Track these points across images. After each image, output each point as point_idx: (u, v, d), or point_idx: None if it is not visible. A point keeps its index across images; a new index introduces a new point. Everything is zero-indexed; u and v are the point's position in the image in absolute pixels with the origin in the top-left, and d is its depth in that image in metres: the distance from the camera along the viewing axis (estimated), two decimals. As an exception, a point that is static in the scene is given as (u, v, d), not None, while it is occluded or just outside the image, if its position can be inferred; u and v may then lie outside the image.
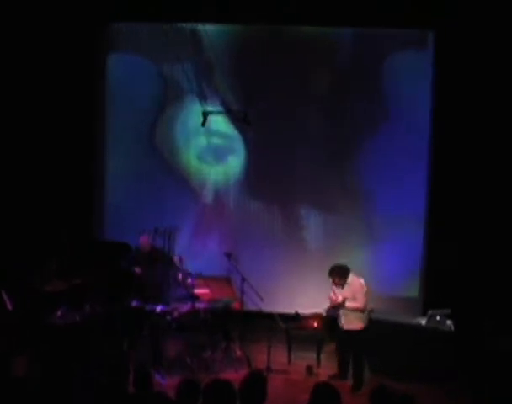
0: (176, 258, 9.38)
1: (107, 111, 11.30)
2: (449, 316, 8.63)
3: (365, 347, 8.31)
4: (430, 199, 10.53)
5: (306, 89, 10.80)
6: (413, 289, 10.59)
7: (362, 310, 8.20)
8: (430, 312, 8.70)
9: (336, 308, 8.35)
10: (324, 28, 10.68)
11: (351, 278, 8.26)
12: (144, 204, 11.06)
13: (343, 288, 8.27)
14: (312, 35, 10.72)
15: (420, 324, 8.69)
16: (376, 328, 8.45)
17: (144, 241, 9.34)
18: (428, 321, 8.63)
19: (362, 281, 8.27)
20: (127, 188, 11.26)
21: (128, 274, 9.25)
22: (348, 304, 8.20)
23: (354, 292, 8.19)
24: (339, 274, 8.26)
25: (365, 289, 8.22)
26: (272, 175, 10.96)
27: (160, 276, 9.09)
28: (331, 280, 8.34)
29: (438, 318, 8.59)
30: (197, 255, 10.65)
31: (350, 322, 8.22)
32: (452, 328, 8.52)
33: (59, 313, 8.09)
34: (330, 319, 8.94)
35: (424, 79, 10.46)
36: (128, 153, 11.27)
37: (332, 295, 8.37)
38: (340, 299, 8.22)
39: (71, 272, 8.93)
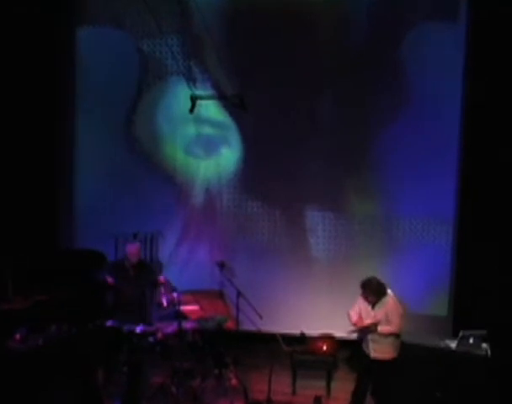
0: (161, 279, 9.23)
1: (75, 95, 11.24)
2: (484, 339, 8.53)
3: (393, 378, 8.18)
4: (461, 199, 10.49)
5: (313, 70, 10.75)
6: (441, 306, 10.58)
7: (397, 336, 8.03)
8: (462, 333, 8.61)
9: (364, 332, 8.15)
10: (335, -5, 10.67)
11: (386, 297, 8.04)
12: (121, 205, 11.03)
13: (373, 307, 8.10)
14: (321, 4, 10.66)
15: (450, 347, 8.59)
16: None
17: (133, 250, 9.17)
18: (459, 344, 8.53)
19: (397, 300, 8.06)
20: (100, 186, 11.21)
21: (102, 289, 9.20)
22: (381, 328, 7.96)
23: (389, 314, 7.96)
24: (375, 292, 8.01)
25: (402, 310, 8.03)
26: (273, 171, 10.93)
27: (144, 297, 9.05)
28: (361, 293, 8.11)
29: (471, 340, 8.49)
30: (184, 265, 10.68)
31: (381, 350, 8.01)
32: (488, 353, 8.42)
33: (18, 336, 7.95)
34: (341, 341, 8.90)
35: (455, 57, 10.40)
36: (101, 145, 11.24)
37: (352, 313, 8.17)
38: (369, 322, 8.02)
39: (32, 286, 8.90)
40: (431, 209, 10.53)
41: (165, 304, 8.77)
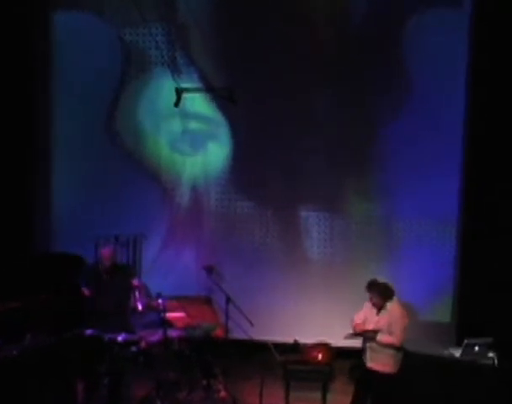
0: (135, 282, 9.18)
1: (51, 88, 11.21)
2: (491, 347, 8.53)
3: (392, 393, 8.14)
4: (465, 200, 10.47)
5: (308, 61, 10.73)
6: (444, 312, 10.58)
7: (397, 348, 7.99)
8: (466, 341, 8.61)
9: (364, 337, 8.12)
10: (330, -21, 10.67)
11: (393, 303, 8.05)
12: (101, 206, 11.02)
13: (379, 313, 8.08)
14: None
15: (454, 356, 8.59)
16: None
17: (106, 254, 9.13)
18: (463, 353, 8.53)
19: (404, 310, 8.07)
20: (79, 185, 11.20)
21: (80, 296, 9.14)
22: (380, 337, 7.94)
23: (392, 323, 7.94)
24: (381, 293, 8.01)
25: (406, 321, 8.03)
26: (264, 169, 10.90)
27: (116, 304, 8.97)
28: (368, 297, 8.10)
29: (477, 349, 8.50)
30: (169, 269, 10.66)
31: (378, 361, 7.99)
32: (495, 362, 8.42)
33: (-11, 347, 7.92)
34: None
35: (458, 46, 10.38)
36: (80, 141, 11.21)
37: (356, 318, 8.16)
38: (371, 328, 8.00)
39: (6, 293, 8.79)
40: (433, 209, 10.52)
41: (140, 308, 8.73)
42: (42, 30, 11.07)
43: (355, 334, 8.14)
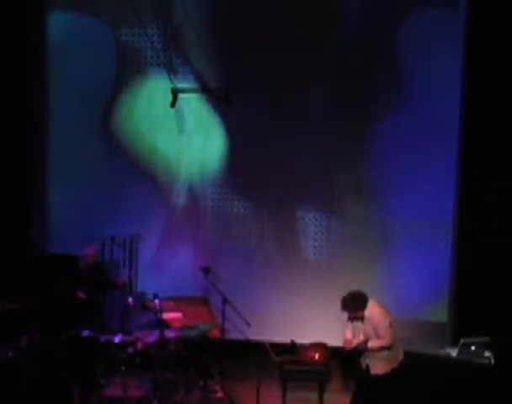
0: (122, 281, 9.23)
1: (48, 89, 11.20)
2: (487, 346, 8.55)
3: (389, 393, 8.14)
4: (461, 199, 10.50)
5: (304, 59, 10.71)
6: (440, 312, 10.58)
7: (389, 348, 7.95)
8: (463, 341, 8.62)
9: (358, 351, 8.08)
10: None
11: (370, 308, 7.97)
12: (97, 206, 11.02)
13: (363, 322, 8.03)
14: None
15: (450, 356, 8.61)
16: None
17: (90, 254, 9.28)
18: (460, 352, 8.54)
19: (382, 309, 8.06)
20: (75, 186, 11.18)
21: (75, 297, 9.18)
22: (371, 344, 7.91)
23: (376, 327, 7.91)
24: (353, 307, 7.94)
25: (389, 320, 7.98)
26: (260, 169, 10.90)
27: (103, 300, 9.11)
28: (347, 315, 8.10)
29: (473, 348, 8.50)
30: (165, 270, 10.64)
31: (378, 366, 7.96)
32: (492, 361, 8.44)
33: (-15, 348, 7.93)
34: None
35: (454, 47, 10.41)
36: (76, 142, 11.20)
37: (348, 334, 8.11)
38: (361, 339, 7.95)
39: (4, 293, 8.84)
40: (429, 210, 10.52)
41: (132, 303, 8.86)
42: (39, 31, 11.06)
43: (349, 351, 8.09)
